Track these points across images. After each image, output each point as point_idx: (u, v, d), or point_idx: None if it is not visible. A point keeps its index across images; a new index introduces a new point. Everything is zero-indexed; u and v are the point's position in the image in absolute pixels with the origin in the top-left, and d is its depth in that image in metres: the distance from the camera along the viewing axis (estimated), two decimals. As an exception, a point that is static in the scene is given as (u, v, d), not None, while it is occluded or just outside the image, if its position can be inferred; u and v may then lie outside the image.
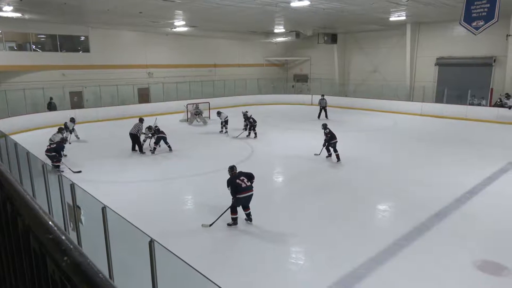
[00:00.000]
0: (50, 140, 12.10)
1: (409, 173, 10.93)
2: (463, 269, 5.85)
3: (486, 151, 13.37)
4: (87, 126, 18.73)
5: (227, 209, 7.28)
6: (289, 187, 10.32)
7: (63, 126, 14.15)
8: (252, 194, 7.26)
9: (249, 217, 7.44)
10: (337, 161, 11.89)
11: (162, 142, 13.22)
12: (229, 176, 7.36)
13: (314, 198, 9.02)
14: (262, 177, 10.94)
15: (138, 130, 13.38)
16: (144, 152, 13.32)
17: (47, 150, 11.06)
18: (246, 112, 16.40)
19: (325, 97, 21.15)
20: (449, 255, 6.27)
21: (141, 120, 13.77)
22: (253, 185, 7.26)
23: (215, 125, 17.82)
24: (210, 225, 7.28)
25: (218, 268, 5.78)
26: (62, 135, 12.83)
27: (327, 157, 12.24)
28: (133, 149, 13.48)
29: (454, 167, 11.41)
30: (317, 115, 20.64)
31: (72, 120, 15.44)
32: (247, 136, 15.66)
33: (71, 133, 14.92)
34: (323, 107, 20.78)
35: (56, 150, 10.93)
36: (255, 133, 15.64)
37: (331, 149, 12.08)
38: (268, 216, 7.98)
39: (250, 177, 7.30)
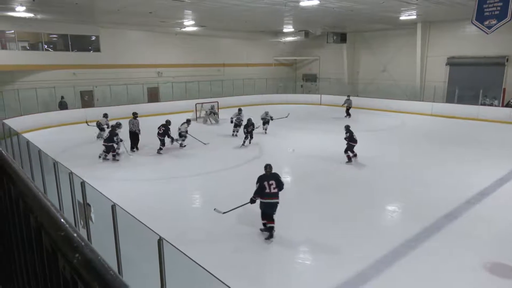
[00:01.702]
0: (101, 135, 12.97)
1: (419, 173, 10.81)
2: (473, 271, 5.78)
3: (498, 152, 13.17)
4: (97, 125, 18.92)
5: (245, 204, 6.98)
6: (296, 187, 10.29)
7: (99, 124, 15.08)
8: (276, 203, 6.72)
9: (268, 230, 6.77)
10: (347, 162, 11.79)
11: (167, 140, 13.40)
12: (263, 173, 6.93)
13: (322, 198, 8.99)
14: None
15: (137, 127, 13.43)
16: (138, 149, 13.57)
17: (104, 144, 12.16)
18: (267, 113, 16.53)
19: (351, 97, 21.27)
20: (458, 257, 6.20)
21: (168, 122, 13.27)
22: (279, 194, 6.74)
23: (226, 124, 17.86)
24: (224, 212, 7.16)
25: (222, 267, 5.79)
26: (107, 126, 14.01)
27: (347, 162, 11.74)
28: (132, 148, 13.47)
29: (464, 168, 11.26)
30: (346, 114, 20.74)
31: (105, 116, 15.79)
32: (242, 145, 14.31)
33: (103, 130, 15.18)
34: (349, 107, 20.78)
35: (111, 140, 11.95)
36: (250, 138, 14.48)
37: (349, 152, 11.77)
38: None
39: (279, 184, 6.75)
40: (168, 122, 13.32)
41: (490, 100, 20.44)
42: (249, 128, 14.13)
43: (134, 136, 13.51)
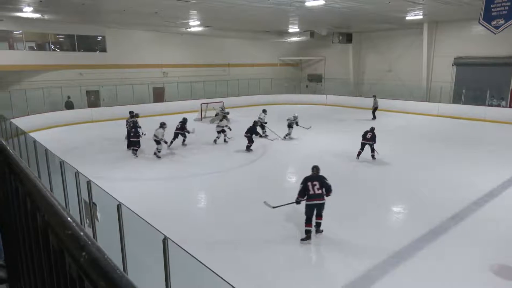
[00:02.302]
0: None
1: (425, 174, 10.75)
2: (479, 273, 5.73)
3: (505, 153, 13.05)
4: (103, 124, 19.06)
5: (291, 203, 7.00)
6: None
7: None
8: (320, 204, 6.76)
9: (318, 228, 6.95)
10: (357, 157, 12.15)
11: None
12: (310, 174, 6.98)
13: (327, 199, 8.94)
14: (275, 176, 10.97)
15: (131, 126, 13.47)
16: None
17: (133, 138, 12.92)
18: (295, 117, 15.59)
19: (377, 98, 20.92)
20: (465, 258, 6.15)
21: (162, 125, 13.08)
22: (324, 196, 6.79)
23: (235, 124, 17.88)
24: (273, 207, 7.31)
25: (228, 267, 5.80)
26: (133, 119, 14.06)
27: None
28: (129, 147, 13.42)
29: (471, 169, 11.18)
30: (372, 117, 20.40)
31: (134, 115, 15.59)
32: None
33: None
34: (375, 107, 20.55)
35: (136, 136, 12.76)
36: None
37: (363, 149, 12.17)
38: (281, 215, 7.96)
39: (323, 185, 6.76)
40: (184, 120, 14.19)
41: (497, 100, 20.25)
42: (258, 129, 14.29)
43: (130, 135, 13.59)
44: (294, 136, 15.66)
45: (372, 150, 11.98)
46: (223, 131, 14.43)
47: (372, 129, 12.10)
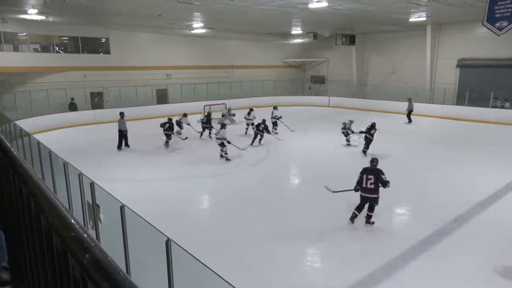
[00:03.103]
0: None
1: (428, 175, 10.70)
2: (483, 274, 5.70)
3: (509, 154, 12.97)
4: (107, 126, 19.10)
5: (350, 189, 7.36)
6: (305, 187, 10.27)
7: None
8: (372, 198, 7.12)
9: (368, 220, 7.34)
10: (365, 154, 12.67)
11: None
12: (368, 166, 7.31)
13: (330, 199, 8.92)
14: (278, 177, 10.96)
15: (124, 126, 14.00)
16: (129, 146, 14.15)
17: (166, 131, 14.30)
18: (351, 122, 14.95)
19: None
20: (468, 260, 6.12)
21: (184, 115, 16.31)
22: (378, 190, 7.08)
23: (239, 124, 17.97)
24: (334, 191, 7.70)
25: (230, 269, 5.79)
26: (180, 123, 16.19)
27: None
28: (120, 147, 13.94)
29: (475, 171, 11.12)
30: (407, 120, 19.97)
31: (185, 115, 16.98)
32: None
33: (182, 128, 16.49)
34: (410, 111, 20.09)
35: (171, 129, 14.28)
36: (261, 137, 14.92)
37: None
38: (284, 216, 7.96)
39: (381, 182, 7.00)
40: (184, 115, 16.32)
41: (501, 102, 20.15)
42: (261, 127, 14.56)
43: (122, 135, 13.95)
44: (289, 136, 15.63)
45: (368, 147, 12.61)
46: (222, 144, 13.01)
47: (374, 125, 12.51)
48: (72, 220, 0.99)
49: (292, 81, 30.87)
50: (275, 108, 17.51)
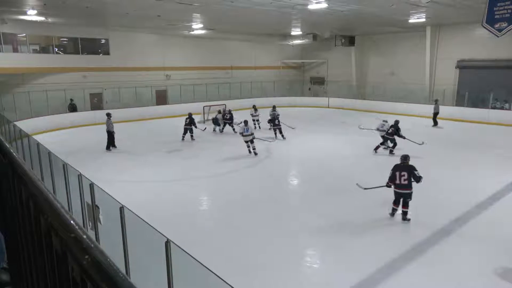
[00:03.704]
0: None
1: (428, 177, 10.66)
2: (484, 276, 5.69)
3: (509, 155, 12.98)
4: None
5: (382, 186, 7.74)
6: (305, 189, 10.27)
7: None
8: (406, 193, 7.38)
9: (404, 216, 7.57)
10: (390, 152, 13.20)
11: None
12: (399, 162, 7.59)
13: (330, 200, 8.94)
14: (278, 179, 10.96)
15: (111, 127, 14.03)
16: (116, 146, 14.12)
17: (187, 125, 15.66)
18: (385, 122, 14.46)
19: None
20: (469, 262, 6.11)
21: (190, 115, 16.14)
22: (411, 186, 7.35)
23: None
24: (365, 188, 8.27)
25: (230, 270, 5.78)
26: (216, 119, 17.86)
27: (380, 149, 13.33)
28: (109, 147, 13.99)
29: (474, 172, 11.13)
30: (433, 124, 19.43)
31: (220, 112, 18.29)
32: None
33: (219, 125, 17.87)
34: (436, 113, 19.47)
35: (192, 123, 15.61)
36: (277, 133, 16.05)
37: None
38: (283, 217, 7.95)
39: (414, 177, 7.30)
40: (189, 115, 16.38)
41: (501, 103, 20.18)
42: (276, 121, 15.87)
43: (109, 135, 13.99)
44: (290, 137, 15.63)
45: (384, 143, 13.16)
46: (252, 140, 13.27)
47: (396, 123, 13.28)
48: (72, 221, 0.99)
49: (292, 82, 30.90)
50: (273, 107, 18.05)
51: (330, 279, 5.79)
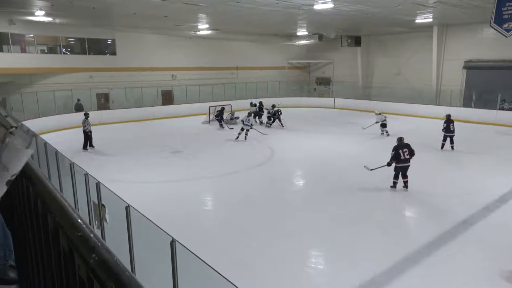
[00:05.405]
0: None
1: (434, 178, 10.63)
2: (490, 280, 5.63)
3: (517, 157, 12.85)
4: (113, 127, 19.23)
5: (383, 166, 9.27)
6: (309, 189, 10.24)
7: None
8: (408, 166, 9.18)
9: (405, 185, 9.30)
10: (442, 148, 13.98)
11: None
12: (396, 144, 9.27)
13: (335, 202, 8.91)
14: (282, 178, 10.95)
15: (88, 127, 14.22)
16: (94, 146, 14.32)
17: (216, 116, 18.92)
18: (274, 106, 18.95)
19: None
20: (475, 265, 6.06)
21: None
22: (410, 159, 9.13)
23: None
24: (371, 169, 9.62)
25: (234, 270, 5.79)
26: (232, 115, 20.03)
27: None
28: (85, 147, 14.15)
29: (481, 174, 11.03)
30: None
31: (233, 114, 20.20)
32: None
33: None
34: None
35: (221, 116, 18.56)
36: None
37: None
38: (287, 218, 7.94)
39: (411, 152, 9.13)
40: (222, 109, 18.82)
41: (508, 104, 19.96)
42: (276, 115, 18.24)
43: (86, 135, 14.21)
44: (294, 137, 15.60)
45: (452, 141, 13.62)
46: (248, 130, 15.87)
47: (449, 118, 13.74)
48: (79, 220, 1.00)
49: (297, 82, 30.83)
50: (273, 106, 19.16)
51: (333, 280, 5.77)
